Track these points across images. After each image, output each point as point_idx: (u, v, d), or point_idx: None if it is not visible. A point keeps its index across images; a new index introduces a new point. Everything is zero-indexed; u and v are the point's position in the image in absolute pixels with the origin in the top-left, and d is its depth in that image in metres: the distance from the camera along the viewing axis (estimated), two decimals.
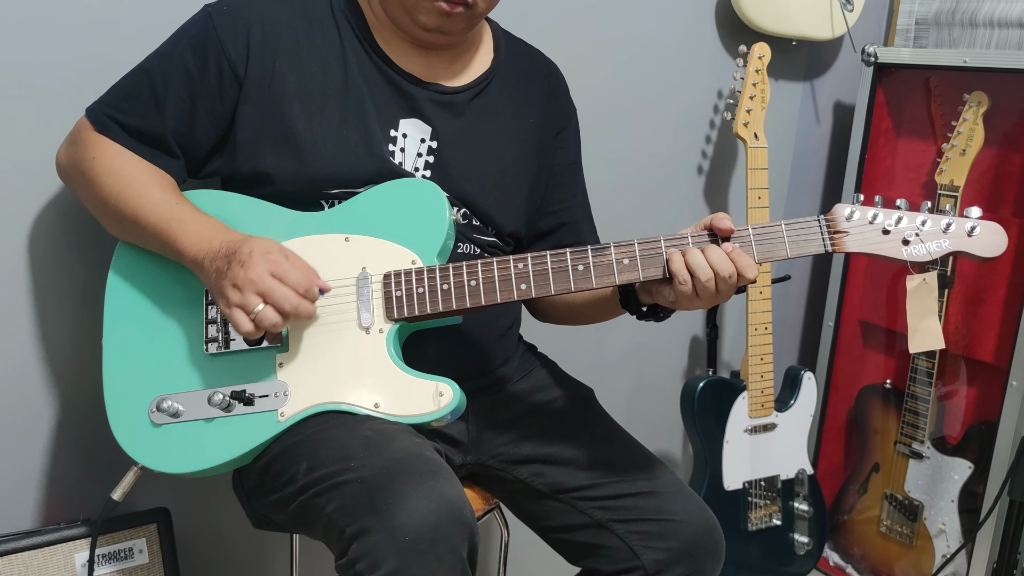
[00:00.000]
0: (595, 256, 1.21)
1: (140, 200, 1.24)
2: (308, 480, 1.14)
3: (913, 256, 1.18)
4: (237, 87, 1.28)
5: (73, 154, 1.31)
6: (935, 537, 2.13)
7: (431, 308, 1.22)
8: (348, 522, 1.06)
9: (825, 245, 1.20)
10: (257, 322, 1.15)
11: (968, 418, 2.13)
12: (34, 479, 1.53)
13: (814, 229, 1.20)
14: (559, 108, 1.52)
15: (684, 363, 2.34)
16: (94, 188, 1.27)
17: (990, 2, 2.14)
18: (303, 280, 1.17)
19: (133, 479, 1.36)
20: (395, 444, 1.14)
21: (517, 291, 1.22)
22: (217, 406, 1.22)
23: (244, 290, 1.14)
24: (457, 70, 1.39)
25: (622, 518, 1.34)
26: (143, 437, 1.25)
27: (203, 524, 1.69)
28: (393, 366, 1.21)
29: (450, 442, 1.40)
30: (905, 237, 1.18)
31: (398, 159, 1.33)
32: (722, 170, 2.23)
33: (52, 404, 1.52)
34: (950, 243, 1.18)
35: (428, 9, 1.27)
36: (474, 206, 1.38)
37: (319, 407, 1.22)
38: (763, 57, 2.00)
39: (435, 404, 1.19)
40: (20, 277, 1.45)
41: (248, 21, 1.28)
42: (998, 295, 2.03)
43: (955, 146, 1.96)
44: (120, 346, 1.29)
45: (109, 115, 1.28)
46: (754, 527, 2.14)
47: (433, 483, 1.07)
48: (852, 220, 1.20)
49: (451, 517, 1.06)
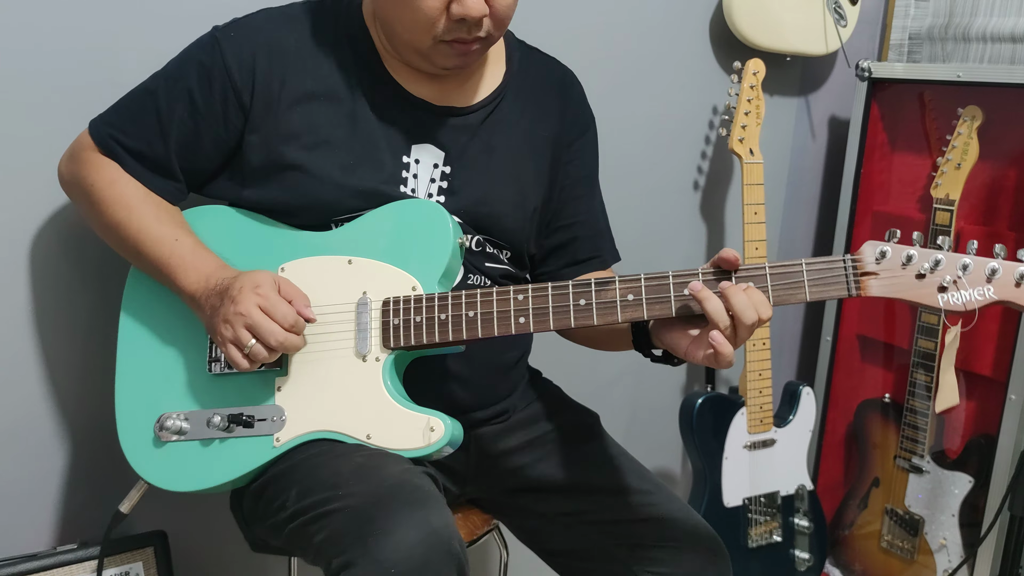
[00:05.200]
0: (598, 291, 1.15)
1: (139, 234, 1.25)
2: (298, 507, 1.13)
3: (950, 305, 1.04)
4: (242, 116, 1.27)
5: (75, 171, 1.31)
6: (936, 552, 2.12)
7: (427, 339, 1.19)
8: (335, 553, 1.05)
9: (850, 289, 1.08)
10: (251, 357, 1.16)
11: (968, 432, 2.12)
12: (35, 503, 1.53)
13: (838, 271, 1.08)
14: (574, 118, 1.46)
15: (682, 379, 2.34)
16: (94, 214, 1.28)
17: (983, 17, 2.15)
18: (289, 315, 1.17)
19: (140, 493, 1.35)
20: (385, 471, 1.12)
21: (515, 325, 1.17)
22: (217, 427, 1.23)
23: (235, 326, 1.15)
24: (469, 89, 1.35)
25: (626, 543, 1.33)
26: (149, 454, 1.26)
27: (200, 547, 1.69)
28: (387, 397, 1.20)
29: (448, 472, 1.38)
30: (942, 284, 1.04)
31: (411, 186, 1.30)
32: (718, 186, 2.23)
33: (57, 428, 1.51)
34: (995, 292, 1.04)
35: (444, 52, 1.23)
36: (490, 228, 1.35)
37: (313, 434, 1.21)
38: (758, 73, 2.01)
39: (425, 440, 1.17)
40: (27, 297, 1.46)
41: (255, 48, 1.26)
42: (995, 308, 2.02)
43: (950, 160, 1.96)
44: (132, 364, 1.30)
45: (113, 136, 1.28)
46: (754, 544, 2.13)
47: (421, 513, 1.05)
48: (883, 262, 1.07)
49: (439, 549, 1.03)
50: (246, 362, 1.16)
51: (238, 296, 1.16)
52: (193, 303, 1.22)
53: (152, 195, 1.29)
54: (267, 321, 1.15)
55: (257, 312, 1.15)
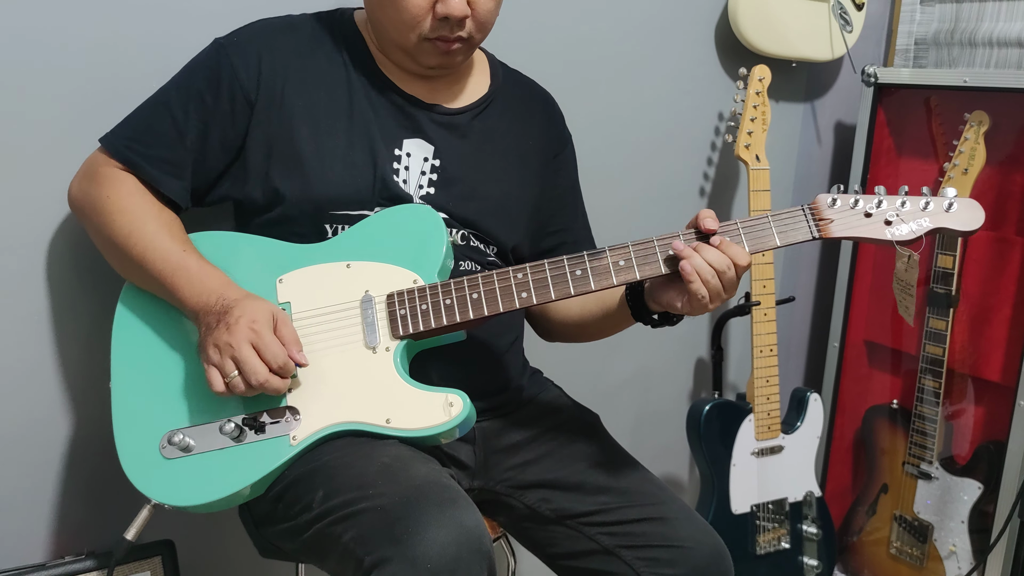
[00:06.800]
0: (591, 260, 1.24)
1: (149, 245, 1.26)
2: (324, 508, 1.13)
3: (897, 236, 1.22)
4: (249, 112, 1.32)
5: (88, 190, 1.32)
6: (946, 558, 2.12)
7: (435, 323, 1.24)
8: (367, 551, 1.06)
9: (812, 231, 1.23)
10: (230, 387, 1.17)
11: (976, 438, 2.11)
12: (43, 513, 1.53)
13: (799, 217, 1.24)
14: (556, 134, 1.56)
15: (689, 386, 2.34)
16: (105, 226, 1.29)
17: (989, 21, 2.14)
18: (280, 356, 1.17)
19: (147, 517, 1.35)
20: (413, 471, 1.14)
21: (519, 299, 1.24)
22: (228, 435, 1.22)
23: (223, 353, 1.17)
24: (456, 92, 1.43)
25: (630, 544, 1.33)
26: (155, 473, 1.23)
27: (208, 556, 1.69)
28: (402, 381, 1.22)
29: (459, 466, 1.40)
30: (887, 218, 1.22)
31: (402, 177, 1.36)
32: (724, 192, 2.23)
33: (61, 437, 1.51)
34: (930, 220, 1.22)
35: (428, 50, 1.32)
36: (476, 224, 1.40)
37: (331, 427, 1.21)
38: (763, 79, 2.01)
39: (446, 414, 1.19)
40: (29, 311, 1.45)
41: (258, 49, 1.33)
42: (1004, 314, 2.02)
43: (957, 165, 1.96)
44: (128, 383, 1.29)
45: (130, 147, 1.31)
46: (762, 551, 2.13)
47: (452, 511, 1.07)
48: (835, 207, 1.24)
49: (471, 547, 1.06)
50: (221, 387, 1.18)
51: (233, 326, 1.17)
52: (192, 316, 1.23)
53: (165, 211, 1.31)
54: (254, 358, 1.16)
55: (247, 348, 1.16)
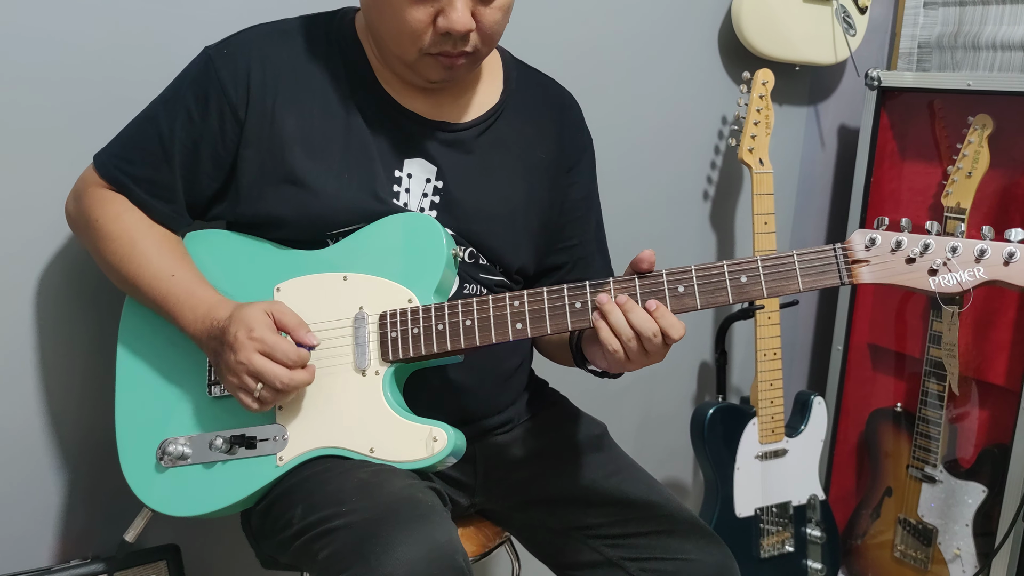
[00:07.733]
0: (593, 293, 1.16)
1: (136, 271, 1.25)
2: (302, 525, 1.13)
3: (941, 288, 1.05)
4: (238, 130, 1.26)
5: (80, 209, 1.31)
6: (950, 562, 2.11)
7: (426, 350, 1.19)
8: (339, 570, 1.04)
9: (841, 277, 1.09)
10: (261, 401, 1.17)
11: (981, 441, 2.11)
12: (48, 517, 1.53)
13: (828, 259, 1.09)
14: (572, 141, 1.45)
15: (693, 390, 2.33)
16: (96, 250, 1.29)
17: (992, 25, 2.14)
18: (291, 351, 1.16)
19: (144, 521, 1.36)
20: (388, 487, 1.12)
21: (512, 330, 1.18)
22: (219, 450, 1.23)
23: (239, 375, 1.16)
24: (463, 105, 1.34)
25: (635, 556, 1.32)
26: (151, 480, 1.26)
27: (213, 561, 1.69)
28: (388, 410, 1.20)
29: (455, 484, 1.38)
30: (932, 267, 1.05)
31: (403, 200, 1.29)
32: (728, 196, 2.23)
33: (66, 441, 1.52)
34: (985, 272, 1.04)
35: (430, 65, 1.23)
36: (481, 245, 1.34)
37: (316, 451, 1.21)
38: (767, 83, 2.01)
39: (428, 450, 1.17)
40: (33, 320, 1.46)
41: (248, 62, 1.26)
42: (1008, 317, 2.02)
43: (961, 168, 1.96)
44: (131, 391, 1.30)
45: (119, 167, 1.29)
46: (767, 554, 2.12)
47: (423, 527, 1.05)
48: (872, 249, 1.08)
49: (442, 563, 1.03)
50: (255, 405, 1.17)
51: (235, 344, 1.15)
52: (195, 340, 1.23)
53: (156, 228, 1.29)
54: (270, 365, 1.15)
55: (258, 358, 1.15)
